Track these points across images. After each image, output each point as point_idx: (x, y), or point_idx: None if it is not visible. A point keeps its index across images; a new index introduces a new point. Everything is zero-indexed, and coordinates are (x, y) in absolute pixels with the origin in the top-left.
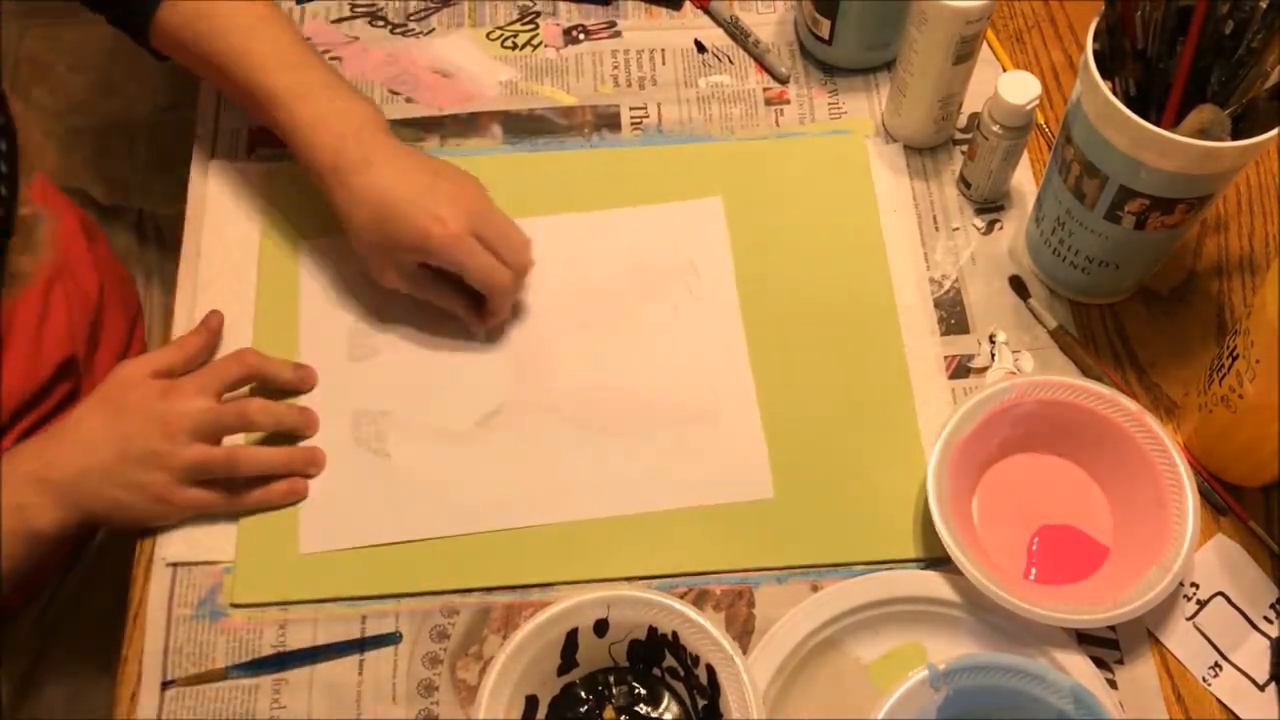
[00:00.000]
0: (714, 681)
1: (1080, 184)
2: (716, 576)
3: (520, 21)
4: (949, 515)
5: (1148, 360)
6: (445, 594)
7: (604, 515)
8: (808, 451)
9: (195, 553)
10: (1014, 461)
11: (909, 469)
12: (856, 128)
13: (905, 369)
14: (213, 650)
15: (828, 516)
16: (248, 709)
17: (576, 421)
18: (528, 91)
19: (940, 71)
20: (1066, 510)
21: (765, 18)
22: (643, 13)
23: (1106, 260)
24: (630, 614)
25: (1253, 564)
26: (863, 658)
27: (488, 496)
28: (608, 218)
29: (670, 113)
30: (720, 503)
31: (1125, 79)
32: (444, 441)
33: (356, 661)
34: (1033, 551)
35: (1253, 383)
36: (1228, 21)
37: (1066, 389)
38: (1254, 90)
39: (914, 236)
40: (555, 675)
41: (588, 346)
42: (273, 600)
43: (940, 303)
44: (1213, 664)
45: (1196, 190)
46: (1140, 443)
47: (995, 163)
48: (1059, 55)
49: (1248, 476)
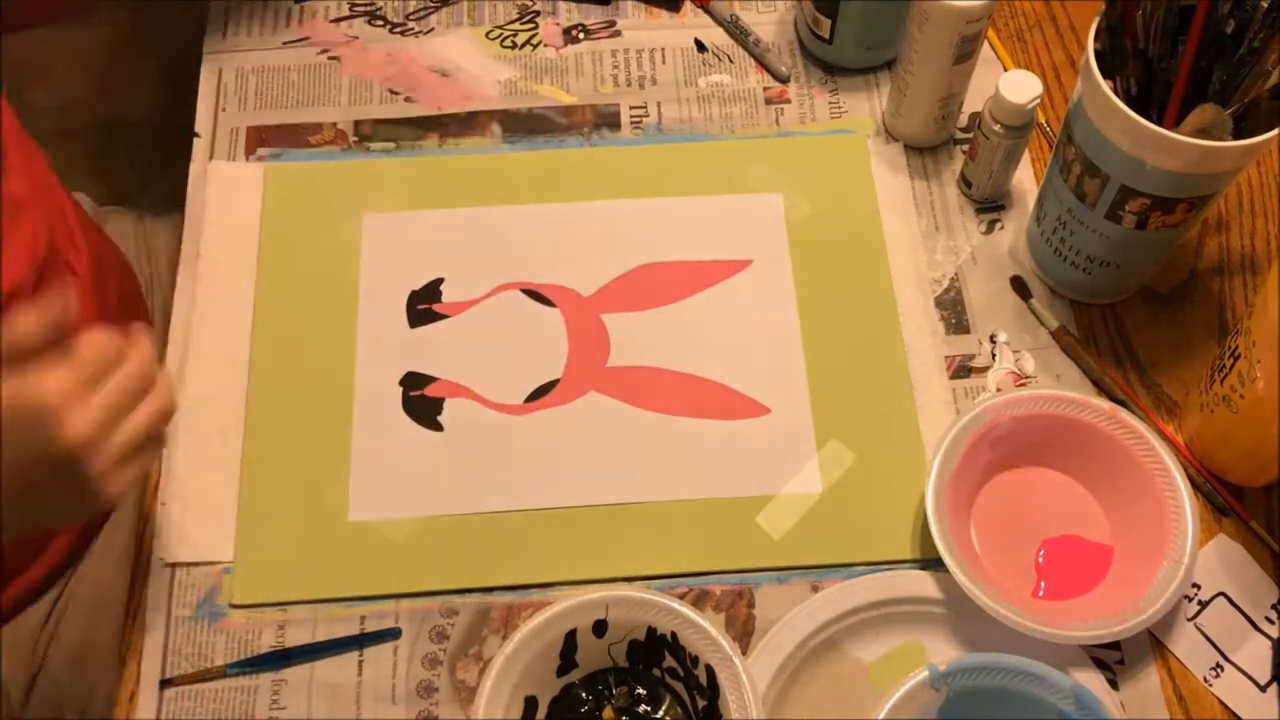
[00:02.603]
0: (713, 682)
1: (1081, 183)
2: (716, 577)
3: (520, 21)
4: (959, 557)
5: (1149, 360)
6: (445, 594)
7: (650, 500)
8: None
9: (194, 553)
10: (1001, 481)
11: (910, 469)
12: (857, 127)
13: (906, 369)
14: (211, 650)
15: (828, 516)
16: (247, 709)
17: (626, 402)
18: (527, 91)
19: (941, 71)
20: (1064, 520)
21: (765, 17)
22: (642, 12)
23: (1108, 260)
24: (629, 614)
25: (1254, 564)
26: (863, 658)
27: (534, 474)
28: (668, 205)
29: (670, 112)
30: (764, 494)
31: (1126, 78)
32: (494, 415)
33: (356, 662)
34: (1040, 567)
35: (1254, 383)
36: (1229, 21)
37: (1037, 401)
38: (1255, 90)
39: (914, 236)
40: (554, 676)
41: (642, 329)
42: (272, 601)
43: (941, 303)
44: (1214, 664)
45: (1198, 190)
46: (1120, 439)
47: (996, 162)
48: (1060, 54)
49: (1249, 477)
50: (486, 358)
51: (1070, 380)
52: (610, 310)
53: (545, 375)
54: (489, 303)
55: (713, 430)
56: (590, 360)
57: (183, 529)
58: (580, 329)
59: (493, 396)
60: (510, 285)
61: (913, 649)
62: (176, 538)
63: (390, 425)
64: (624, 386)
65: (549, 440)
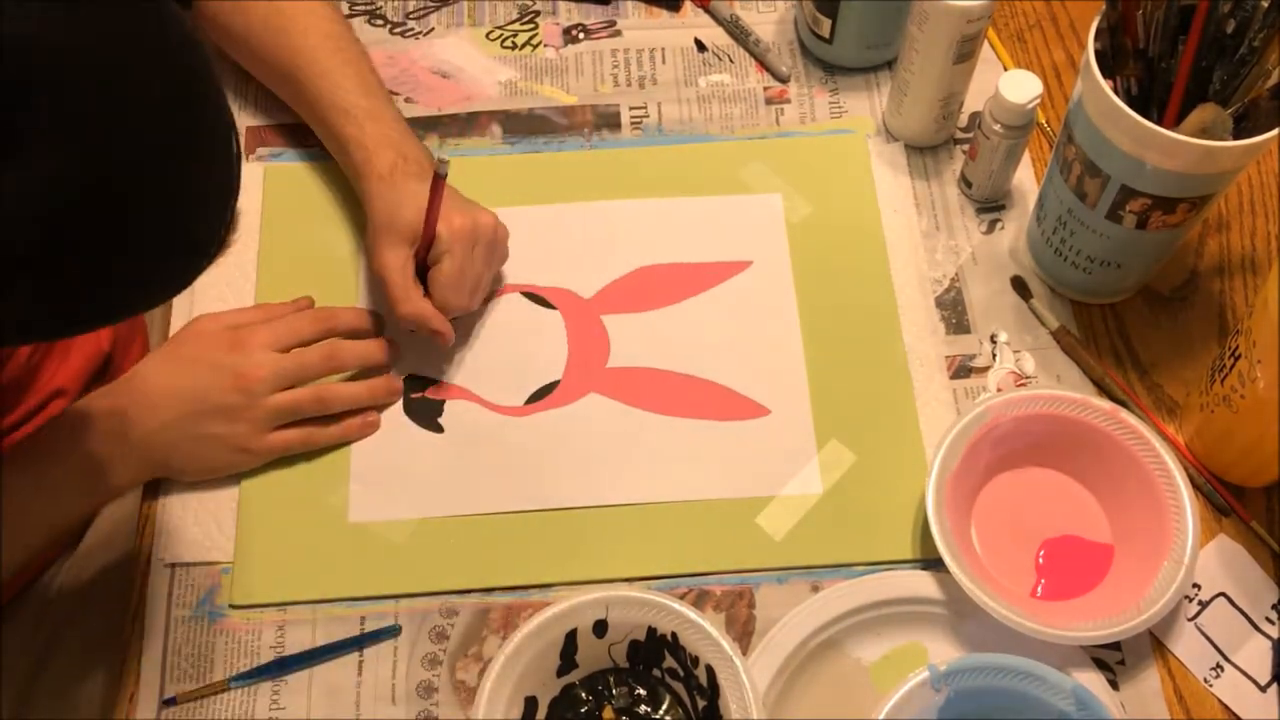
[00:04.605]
0: (714, 682)
1: (1082, 183)
2: (717, 577)
3: (520, 21)
4: (959, 557)
5: (1149, 360)
6: (444, 594)
7: (651, 500)
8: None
9: (194, 553)
10: (1002, 481)
11: (910, 469)
12: (857, 127)
13: (906, 369)
14: (211, 651)
15: (828, 517)
16: (247, 710)
17: (626, 403)
18: (527, 91)
19: (941, 70)
20: (1064, 521)
21: (766, 16)
22: (643, 12)
23: (1108, 260)
24: (629, 614)
25: (1254, 565)
26: (863, 659)
27: (534, 475)
28: (667, 206)
29: (670, 112)
30: (764, 495)
31: (1127, 78)
32: (495, 417)
33: (355, 662)
34: (1040, 567)
35: (1255, 383)
36: (1229, 21)
37: (1037, 401)
38: (1256, 90)
39: (915, 236)
40: (555, 676)
41: (642, 330)
42: (271, 601)
43: (941, 302)
44: (1214, 665)
45: (1198, 189)
46: (1121, 439)
47: (996, 162)
48: (1060, 54)
49: (1250, 477)
50: (487, 360)
51: (1070, 380)
52: (610, 311)
53: (546, 377)
54: (489, 305)
55: (713, 431)
56: (591, 362)
57: (183, 529)
58: (580, 330)
59: (493, 398)
60: (511, 288)
61: (913, 649)
62: (176, 538)
63: (391, 426)
64: (624, 388)
65: (549, 442)
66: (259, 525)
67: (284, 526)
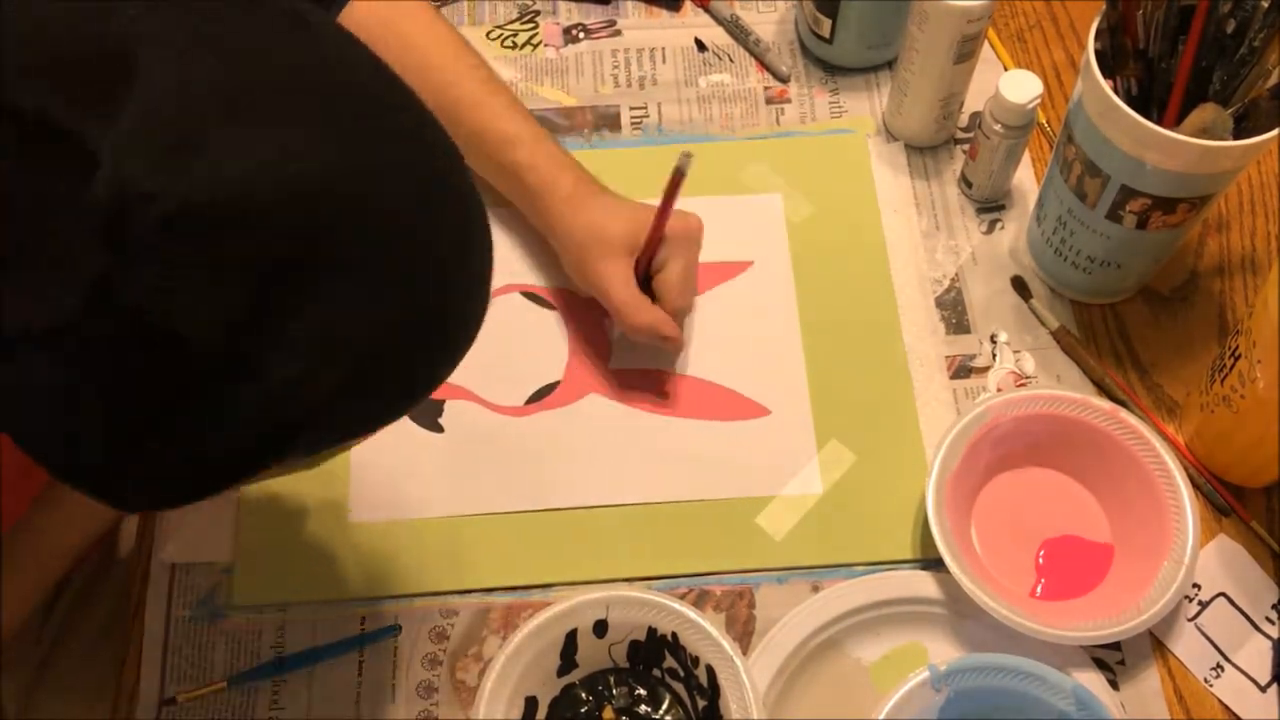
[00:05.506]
0: (714, 682)
1: (1082, 183)
2: (717, 577)
3: (520, 20)
4: (959, 557)
5: (1149, 360)
6: (444, 594)
7: (651, 500)
8: None
9: (194, 553)
10: (1002, 481)
11: (910, 469)
12: (857, 127)
13: (906, 369)
14: (211, 651)
15: (828, 517)
16: (247, 710)
17: (626, 403)
18: (527, 91)
19: (941, 70)
20: (1064, 520)
21: (766, 16)
22: (643, 11)
23: (1108, 260)
24: (630, 615)
25: (1254, 565)
26: (863, 659)
27: (534, 475)
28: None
29: (670, 112)
30: (764, 495)
31: (1127, 78)
32: (495, 417)
33: (356, 662)
34: (1040, 567)
35: (1255, 383)
36: (1229, 21)
37: (1037, 401)
38: (1256, 90)
39: (915, 236)
40: (555, 676)
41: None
42: (271, 601)
43: (941, 302)
44: (1214, 665)
45: (1198, 189)
46: (1121, 439)
47: (996, 162)
48: (1060, 54)
49: (1250, 477)
50: (487, 360)
51: (1070, 380)
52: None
53: (546, 377)
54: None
55: (713, 431)
56: (590, 362)
57: (182, 529)
58: (580, 331)
59: (493, 398)
60: (510, 287)
61: (913, 649)
62: (176, 538)
63: (391, 426)
64: (624, 388)
65: (549, 442)
66: (259, 525)
67: (284, 526)
